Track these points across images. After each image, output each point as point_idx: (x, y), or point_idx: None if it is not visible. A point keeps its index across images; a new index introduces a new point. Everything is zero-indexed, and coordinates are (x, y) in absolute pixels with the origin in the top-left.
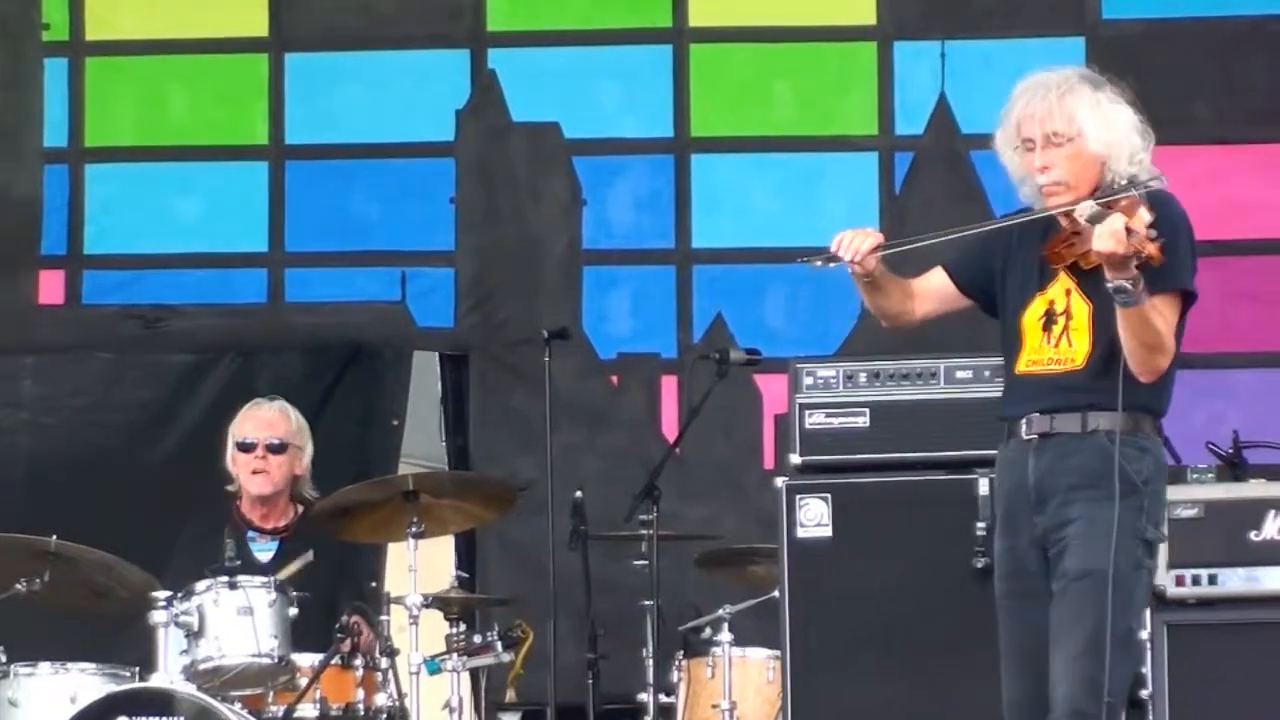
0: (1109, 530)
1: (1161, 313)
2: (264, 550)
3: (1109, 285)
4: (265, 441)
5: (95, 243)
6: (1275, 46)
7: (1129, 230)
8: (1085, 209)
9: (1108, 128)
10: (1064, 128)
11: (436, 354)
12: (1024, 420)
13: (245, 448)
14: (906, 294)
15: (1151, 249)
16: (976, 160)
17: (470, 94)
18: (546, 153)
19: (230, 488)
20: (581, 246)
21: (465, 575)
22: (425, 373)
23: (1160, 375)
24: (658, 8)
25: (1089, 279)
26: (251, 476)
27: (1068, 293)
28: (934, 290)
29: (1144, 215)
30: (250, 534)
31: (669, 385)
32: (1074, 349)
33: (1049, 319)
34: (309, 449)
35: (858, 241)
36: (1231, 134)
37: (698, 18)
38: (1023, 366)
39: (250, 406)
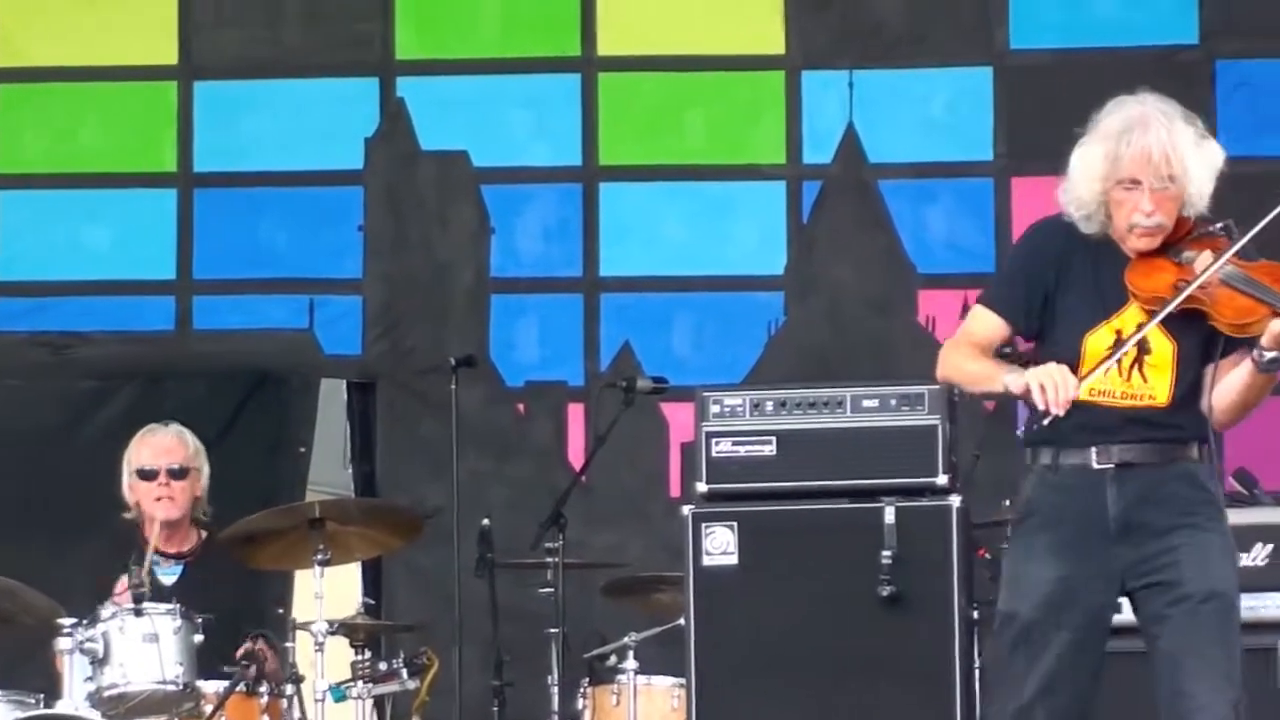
0: (1221, 553)
1: None
2: (168, 574)
3: (1267, 355)
4: (166, 467)
5: (4, 269)
6: (1183, 76)
7: None
8: (1227, 269)
9: (1207, 171)
10: (1177, 172)
11: (344, 381)
12: (1093, 449)
13: (147, 475)
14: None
15: None
16: (884, 189)
17: (379, 122)
18: (455, 181)
19: (128, 515)
20: (489, 274)
21: (371, 602)
22: (332, 400)
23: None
24: (567, 37)
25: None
26: (156, 504)
27: (1140, 325)
28: (991, 341)
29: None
30: (155, 559)
31: (576, 413)
32: (1151, 385)
33: (1118, 347)
34: (206, 470)
35: (1067, 393)
36: None
37: (607, 47)
38: (1085, 394)
39: (145, 433)
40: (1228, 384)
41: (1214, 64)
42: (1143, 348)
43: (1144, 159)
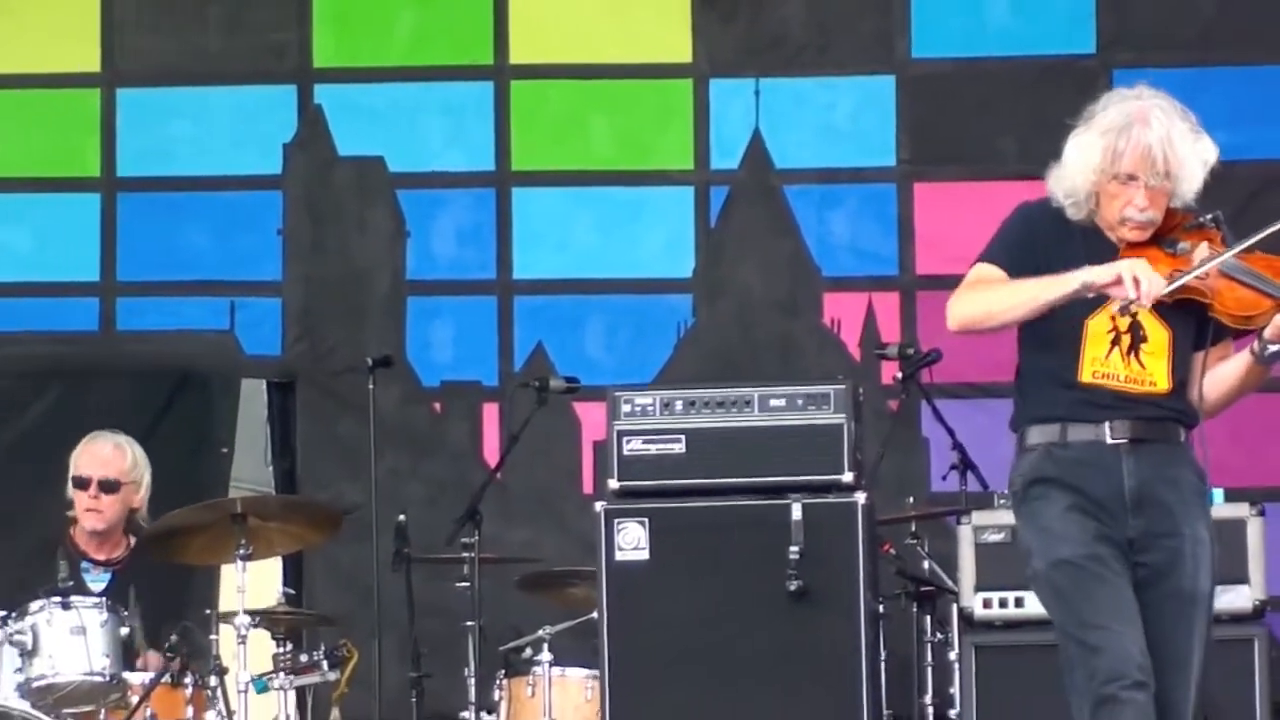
0: (1211, 555)
1: None
2: (97, 581)
3: (1271, 347)
4: (99, 478)
5: None
6: (1081, 84)
7: None
8: (1229, 262)
9: (1200, 168)
10: (1174, 169)
11: (264, 381)
12: (1106, 424)
13: (80, 483)
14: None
15: None
16: (790, 194)
17: (297, 128)
18: (371, 186)
19: (70, 513)
20: (405, 277)
21: (292, 592)
22: (253, 399)
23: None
24: (479, 45)
25: (1173, 308)
26: (85, 514)
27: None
28: None
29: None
30: (84, 564)
31: (490, 412)
32: (1150, 372)
33: (1117, 333)
34: (146, 482)
35: (1155, 286)
36: (1039, 169)
37: (518, 55)
38: (1089, 377)
39: (89, 440)
40: (1222, 373)
41: (1111, 73)
42: (1140, 334)
43: (1143, 156)
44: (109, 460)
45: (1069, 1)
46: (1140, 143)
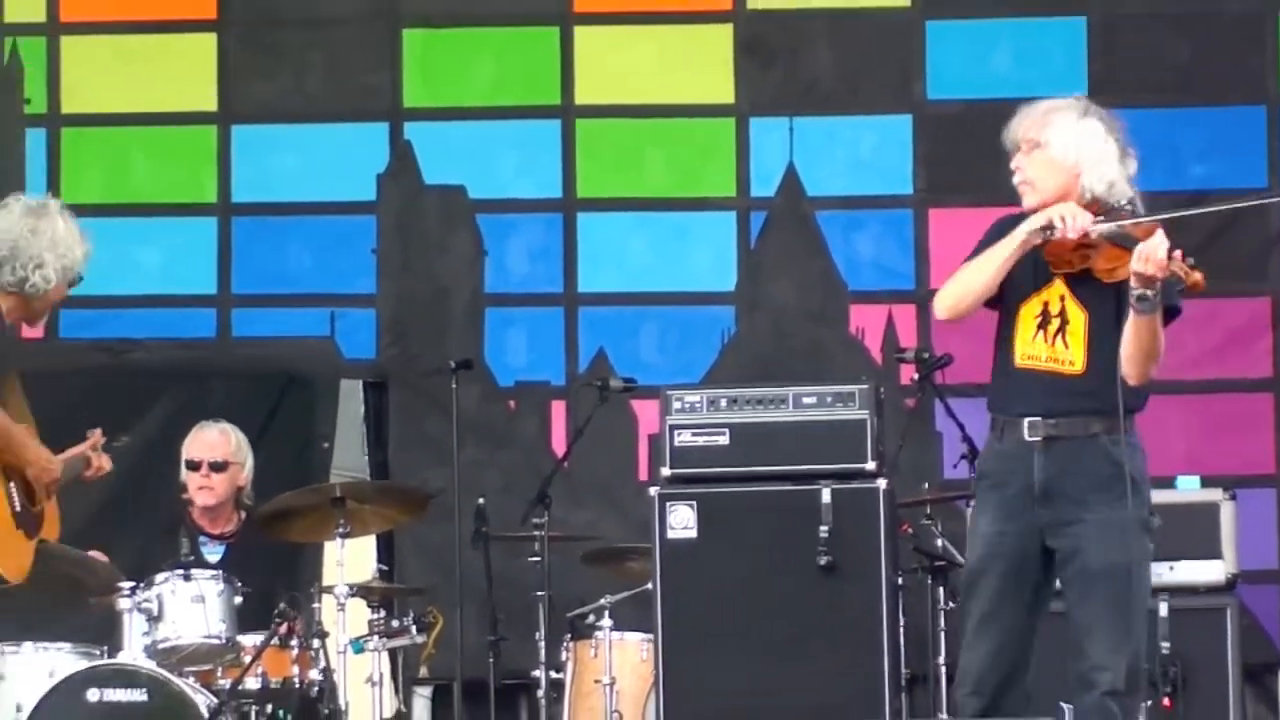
0: (1122, 528)
1: (1161, 324)
2: (212, 553)
3: (1133, 293)
4: (209, 460)
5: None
6: None
7: (1170, 256)
8: (1103, 227)
9: (1075, 140)
10: (1035, 136)
11: (360, 382)
12: (1025, 422)
13: (192, 466)
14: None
15: (1196, 277)
16: (820, 219)
17: (389, 161)
18: (454, 211)
19: (185, 496)
20: (484, 291)
21: (385, 568)
22: (351, 398)
23: (1147, 380)
24: (549, 88)
25: (1083, 288)
26: (198, 491)
27: (1062, 297)
28: None
29: (1162, 239)
30: (201, 539)
31: (558, 409)
32: (1070, 352)
33: (1044, 318)
34: (249, 463)
35: (1080, 219)
36: None
37: (583, 96)
38: (1021, 360)
39: (198, 429)
40: (1124, 338)
41: None
42: (1064, 318)
43: (1015, 127)
44: (216, 444)
45: (1063, 50)
46: (1017, 119)
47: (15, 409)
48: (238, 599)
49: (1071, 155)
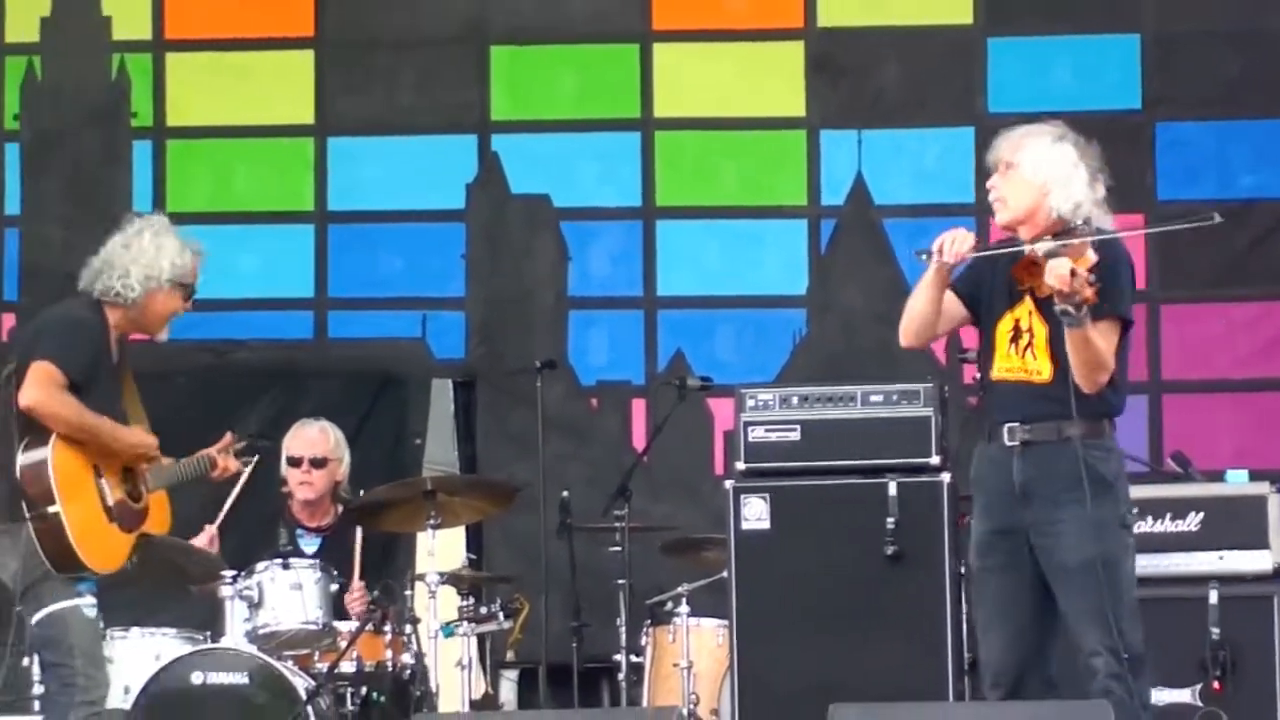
0: (1096, 526)
1: (1104, 335)
2: (310, 544)
3: (1056, 309)
4: (309, 457)
5: None
6: (1128, 136)
7: (1073, 273)
8: (1043, 245)
9: (1046, 163)
10: (1009, 157)
11: (450, 381)
12: (1005, 428)
13: (293, 462)
14: (939, 310)
15: (1088, 293)
16: (887, 226)
17: (477, 171)
18: (539, 219)
19: (285, 489)
20: (567, 294)
21: (474, 557)
22: (442, 396)
23: (1101, 388)
24: (629, 102)
25: (1046, 303)
26: (299, 486)
27: (1030, 313)
28: (948, 311)
29: (1090, 258)
30: (299, 532)
31: (638, 407)
32: (1039, 363)
33: (1016, 333)
34: (346, 459)
35: (959, 245)
36: None
37: (661, 110)
38: (997, 373)
39: (298, 426)
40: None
41: (1154, 126)
42: (1031, 332)
43: (993, 149)
44: (316, 441)
45: (1118, 66)
46: (996, 143)
47: (133, 408)
48: (334, 587)
49: (1040, 176)
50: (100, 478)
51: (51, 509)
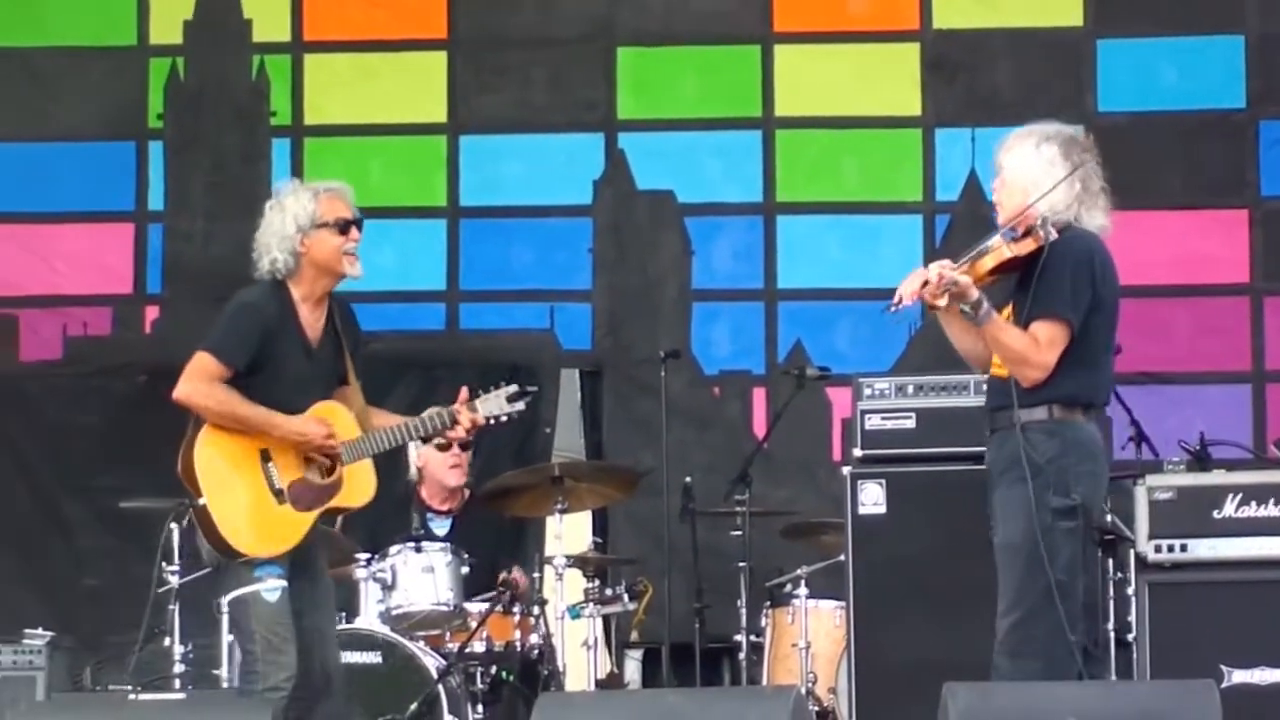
0: (1016, 508)
1: (1034, 334)
2: (440, 527)
3: (961, 307)
4: (460, 442)
5: None
6: (1230, 133)
7: (925, 283)
8: (963, 255)
9: (1024, 166)
10: (1000, 160)
11: (578, 370)
12: (989, 416)
13: (443, 448)
14: (978, 337)
15: (937, 303)
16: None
17: (604, 168)
18: (664, 214)
19: (410, 476)
20: (690, 287)
21: (599, 541)
22: (569, 385)
23: (1033, 383)
24: (750, 101)
25: (1017, 304)
26: (449, 470)
27: (1008, 314)
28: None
29: (984, 264)
30: (429, 515)
31: (759, 395)
32: None
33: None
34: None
35: (909, 286)
36: (1198, 201)
37: (782, 109)
38: (992, 369)
39: None
40: None
41: (1258, 124)
42: None
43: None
44: None
45: (1223, 66)
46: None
47: (351, 387)
48: (464, 569)
49: (1021, 179)
50: (268, 461)
51: (200, 500)
